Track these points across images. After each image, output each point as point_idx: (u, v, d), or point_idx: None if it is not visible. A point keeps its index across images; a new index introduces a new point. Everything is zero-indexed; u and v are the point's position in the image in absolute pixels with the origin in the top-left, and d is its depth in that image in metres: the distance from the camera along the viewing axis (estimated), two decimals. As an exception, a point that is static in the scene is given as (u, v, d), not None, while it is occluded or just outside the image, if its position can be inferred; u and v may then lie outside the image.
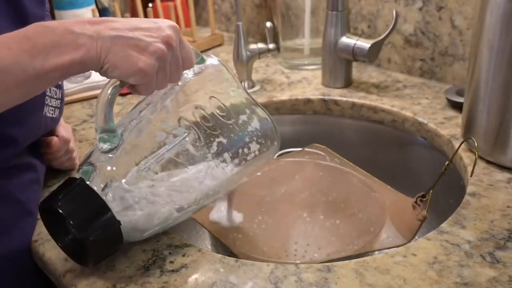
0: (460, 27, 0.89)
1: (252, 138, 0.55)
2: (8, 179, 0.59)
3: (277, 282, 0.49)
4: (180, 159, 0.50)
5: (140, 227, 0.49)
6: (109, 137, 0.48)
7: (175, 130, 0.50)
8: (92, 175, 0.48)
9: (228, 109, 0.54)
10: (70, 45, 0.43)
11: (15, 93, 0.43)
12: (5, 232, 0.57)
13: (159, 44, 0.47)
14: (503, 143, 0.65)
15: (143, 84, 0.48)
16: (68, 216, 0.45)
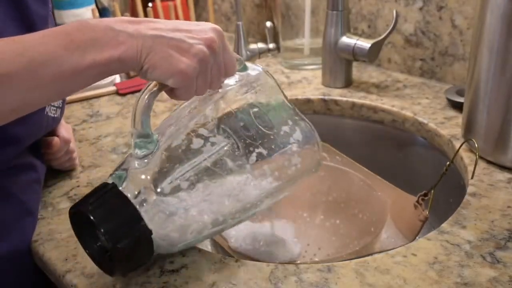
0: (460, 27, 0.89)
1: (294, 150, 0.52)
2: (9, 178, 0.59)
3: (277, 282, 0.49)
4: (217, 169, 0.47)
5: (172, 239, 0.47)
6: (145, 143, 0.46)
7: (213, 138, 0.48)
8: (126, 181, 0.45)
9: (270, 119, 0.51)
10: (110, 42, 0.42)
11: (50, 90, 0.42)
12: (5, 232, 0.57)
13: (201, 47, 0.45)
14: (503, 143, 0.64)
15: (183, 87, 0.46)
16: (98, 222, 0.43)
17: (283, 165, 0.51)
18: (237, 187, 0.48)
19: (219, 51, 0.47)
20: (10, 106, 0.40)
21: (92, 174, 0.70)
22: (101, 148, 0.77)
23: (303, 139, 0.53)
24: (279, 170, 0.51)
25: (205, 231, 0.48)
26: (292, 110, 0.54)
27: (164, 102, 0.93)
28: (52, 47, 0.40)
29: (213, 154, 0.47)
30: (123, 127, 0.84)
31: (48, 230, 0.59)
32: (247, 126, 0.50)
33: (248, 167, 0.49)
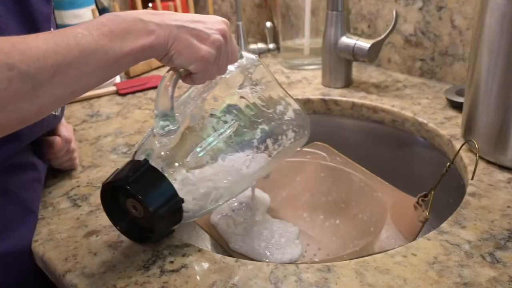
0: (460, 27, 0.89)
1: (289, 126, 0.60)
2: (11, 177, 0.59)
3: (277, 282, 0.49)
4: (231, 143, 0.54)
5: (195, 207, 0.52)
6: (168, 122, 0.51)
7: (224, 117, 0.54)
8: (153, 158, 0.50)
9: (267, 100, 0.58)
10: (141, 31, 0.46)
11: (96, 77, 0.45)
12: (7, 231, 0.57)
13: (217, 36, 0.51)
14: (503, 143, 0.65)
15: (201, 72, 0.51)
16: (138, 193, 0.48)
17: (281, 139, 0.59)
18: (247, 159, 0.55)
19: (229, 40, 0.53)
20: (68, 91, 0.43)
21: (92, 174, 0.70)
22: (101, 148, 0.77)
23: (295, 116, 0.61)
24: (278, 143, 0.58)
25: (221, 199, 0.54)
26: (282, 91, 0.62)
27: (164, 102, 0.93)
28: (96, 36, 0.43)
29: (226, 130, 0.54)
30: (123, 127, 0.84)
31: (48, 230, 0.59)
32: (250, 106, 0.57)
33: (255, 142, 0.56)
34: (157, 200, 0.49)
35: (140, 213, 0.51)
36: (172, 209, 0.50)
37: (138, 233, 0.53)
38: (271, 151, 0.58)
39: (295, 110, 0.61)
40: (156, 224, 0.50)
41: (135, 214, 0.51)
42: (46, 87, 0.40)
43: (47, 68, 0.40)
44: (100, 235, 0.58)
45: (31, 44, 0.40)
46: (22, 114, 0.41)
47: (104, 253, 0.54)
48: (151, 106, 0.91)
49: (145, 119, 0.86)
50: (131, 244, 0.55)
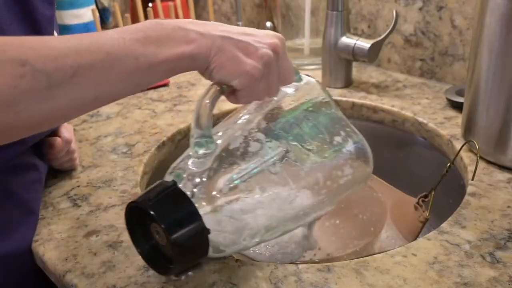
0: (460, 27, 0.89)
1: (346, 160, 0.53)
2: (12, 178, 0.59)
3: (277, 282, 0.49)
4: (273, 173, 0.47)
5: (225, 241, 0.46)
6: (205, 143, 0.46)
7: (269, 143, 0.48)
8: (184, 180, 0.46)
9: (323, 129, 0.52)
10: (182, 39, 0.43)
11: (124, 83, 0.42)
12: (9, 231, 0.57)
13: (267, 50, 0.47)
14: (503, 143, 0.65)
15: (245, 90, 0.47)
16: (159, 218, 0.43)
17: (336, 175, 0.51)
18: (292, 193, 0.48)
19: (281, 57, 0.48)
20: (90, 96, 0.41)
21: (92, 174, 0.70)
22: (101, 148, 0.77)
23: (355, 150, 0.53)
24: (331, 179, 0.51)
25: (257, 236, 0.48)
26: (344, 121, 0.55)
27: (164, 102, 0.93)
28: (128, 41, 0.41)
29: (270, 158, 0.48)
30: (123, 127, 0.84)
31: (48, 230, 0.59)
32: (301, 133, 0.50)
33: (303, 174, 0.49)
34: (179, 227, 0.44)
35: (163, 240, 0.45)
36: (196, 239, 0.44)
37: (161, 261, 0.48)
38: (321, 187, 0.50)
39: (356, 143, 0.54)
40: (177, 255, 0.44)
41: (158, 241, 0.46)
42: (62, 88, 0.38)
43: (65, 68, 0.38)
44: (100, 235, 0.58)
45: (48, 42, 0.39)
46: (35, 116, 0.38)
47: (104, 253, 0.54)
48: (151, 106, 0.91)
49: (145, 119, 0.86)
50: (131, 244, 0.55)
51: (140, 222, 0.47)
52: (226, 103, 0.51)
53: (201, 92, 1.00)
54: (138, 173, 0.70)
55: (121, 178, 0.69)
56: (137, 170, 0.71)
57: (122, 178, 0.69)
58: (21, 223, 0.58)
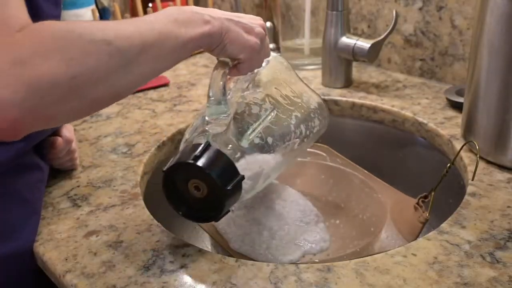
0: (460, 27, 0.89)
1: (315, 114, 0.65)
2: (18, 178, 0.59)
3: (277, 282, 0.49)
4: (273, 127, 0.58)
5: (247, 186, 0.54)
6: (221, 108, 0.54)
7: (264, 105, 0.58)
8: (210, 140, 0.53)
9: (295, 91, 0.64)
10: (199, 20, 0.50)
11: (170, 59, 0.49)
12: (13, 232, 0.57)
13: (260, 29, 0.56)
14: (503, 143, 0.65)
15: (247, 61, 0.55)
16: (207, 169, 0.50)
17: (310, 126, 0.64)
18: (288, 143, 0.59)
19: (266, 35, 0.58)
20: (150, 71, 0.47)
21: (92, 174, 0.70)
22: (101, 148, 0.77)
23: (318, 106, 0.67)
24: (309, 129, 0.64)
25: (268, 179, 0.58)
26: (303, 84, 0.68)
27: (164, 102, 0.93)
28: (167, 23, 0.47)
29: (267, 116, 0.58)
30: (123, 127, 0.84)
31: (48, 230, 0.59)
32: (282, 96, 0.62)
33: (292, 126, 0.60)
34: (223, 176, 0.50)
35: (203, 193, 0.52)
36: (235, 185, 0.51)
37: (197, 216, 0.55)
38: (304, 136, 0.62)
39: (317, 100, 0.67)
40: (222, 199, 0.51)
41: (196, 196, 0.53)
42: (135, 64, 0.44)
43: (135, 46, 0.43)
44: (100, 235, 0.58)
45: (119, 25, 0.44)
46: (117, 89, 0.44)
47: (104, 253, 0.54)
48: (151, 106, 0.91)
49: (145, 119, 0.86)
50: (131, 244, 0.56)
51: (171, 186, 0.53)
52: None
53: (201, 92, 1.00)
54: (138, 173, 0.70)
55: (121, 178, 0.69)
56: (137, 170, 0.71)
57: (122, 178, 0.69)
58: (25, 223, 0.58)
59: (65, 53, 0.39)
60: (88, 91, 0.41)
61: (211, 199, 0.52)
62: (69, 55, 0.39)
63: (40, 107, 0.39)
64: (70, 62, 0.39)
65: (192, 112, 0.88)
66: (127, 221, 0.60)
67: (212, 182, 0.50)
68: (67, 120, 0.46)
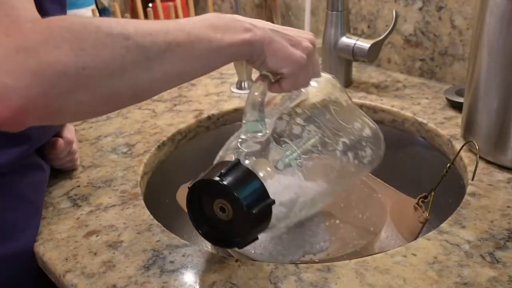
0: (460, 27, 0.89)
1: (367, 143, 0.59)
2: (22, 179, 0.60)
3: (277, 282, 0.49)
4: (316, 151, 0.54)
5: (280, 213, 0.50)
6: (258, 126, 0.51)
7: (307, 127, 0.55)
8: (242, 159, 0.49)
9: (346, 116, 0.59)
10: (239, 28, 0.48)
11: (201, 63, 0.46)
12: (15, 232, 0.57)
13: (308, 43, 0.52)
14: (503, 143, 0.65)
15: (291, 77, 0.52)
16: (233, 189, 0.46)
17: (361, 155, 0.59)
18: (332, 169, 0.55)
19: (314, 52, 0.54)
20: (177, 71, 0.45)
21: (92, 174, 0.70)
22: (101, 148, 0.77)
23: (372, 134, 0.61)
24: (358, 159, 0.58)
25: (304, 209, 0.53)
26: (358, 111, 0.63)
27: (164, 102, 0.93)
28: (200, 27, 0.46)
29: (310, 139, 0.54)
30: (123, 127, 0.84)
31: (48, 230, 0.59)
32: (330, 119, 0.57)
33: (338, 153, 0.56)
34: (250, 197, 0.46)
35: (229, 215, 0.48)
36: (263, 209, 0.47)
37: (220, 239, 0.51)
38: (351, 165, 0.57)
39: (371, 127, 0.61)
40: (248, 224, 0.47)
41: (221, 218, 0.49)
42: (158, 61, 0.42)
43: (159, 43, 0.42)
44: (100, 235, 0.58)
45: (143, 23, 0.43)
46: (135, 86, 0.42)
47: (104, 253, 0.54)
48: (151, 106, 0.91)
49: (145, 119, 0.86)
50: (131, 244, 0.56)
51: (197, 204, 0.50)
52: (228, 104, 0.52)
53: (201, 92, 1.00)
54: (138, 173, 0.70)
55: (121, 178, 0.69)
56: (137, 170, 0.71)
57: (122, 178, 0.69)
58: (27, 223, 0.59)
59: (75, 43, 0.38)
60: (100, 85, 0.40)
61: (236, 222, 0.48)
62: (80, 45, 0.38)
63: (46, 97, 0.37)
64: (80, 52, 0.38)
65: (192, 112, 0.88)
66: (127, 221, 0.60)
67: (237, 203, 0.46)
68: (77, 115, 0.43)
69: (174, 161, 0.81)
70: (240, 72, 0.95)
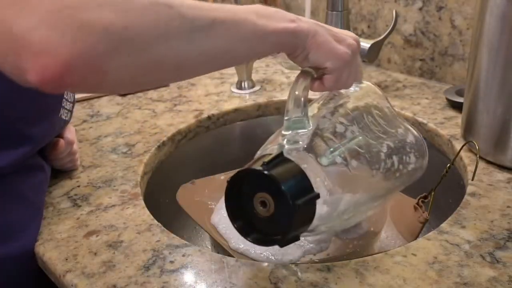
0: (460, 27, 0.89)
1: (411, 149, 0.57)
2: (24, 179, 0.60)
3: (277, 282, 0.49)
4: (361, 151, 0.52)
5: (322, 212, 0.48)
6: (300, 123, 0.50)
7: (350, 128, 0.53)
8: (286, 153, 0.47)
9: (389, 121, 0.58)
10: (284, 18, 0.48)
11: (245, 45, 0.46)
12: (17, 232, 0.57)
13: (353, 41, 0.53)
14: (503, 143, 0.65)
15: (334, 74, 0.51)
16: (277, 178, 0.44)
17: (405, 161, 0.56)
18: (377, 172, 0.53)
19: (358, 54, 0.54)
20: (221, 49, 0.44)
21: (92, 174, 0.70)
22: (101, 148, 0.77)
23: (416, 142, 0.59)
24: (402, 164, 0.56)
25: (346, 213, 0.51)
26: (401, 118, 0.61)
27: (164, 102, 0.93)
28: (245, 12, 0.46)
29: (354, 138, 0.52)
30: (123, 127, 0.84)
31: (48, 230, 0.59)
32: (373, 122, 0.56)
33: (383, 155, 0.53)
34: (295, 189, 0.44)
35: (270, 210, 0.45)
36: (308, 202, 0.45)
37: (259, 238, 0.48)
38: (396, 170, 0.55)
39: (415, 135, 0.60)
40: (291, 218, 0.44)
41: (261, 214, 0.46)
42: (201, 35, 0.42)
43: (203, 17, 0.42)
44: (100, 235, 0.58)
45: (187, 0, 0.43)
46: (179, 57, 0.42)
47: (104, 253, 0.54)
48: (151, 106, 0.91)
49: (145, 119, 0.86)
50: (131, 244, 0.56)
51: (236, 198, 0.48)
52: (228, 104, 0.51)
53: (201, 92, 1.00)
54: (138, 173, 0.70)
55: (121, 178, 0.69)
56: (137, 170, 0.71)
57: (122, 178, 0.69)
58: (28, 224, 0.59)
59: (119, 5, 0.37)
60: (143, 48, 0.39)
61: (278, 218, 0.45)
62: (124, 7, 0.38)
63: (91, 54, 0.36)
64: (123, 13, 0.37)
65: (192, 112, 0.88)
66: (127, 221, 0.60)
67: (281, 194, 0.44)
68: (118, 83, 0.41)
69: (174, 161, 0.81)
70: (240, 72, 0.95)
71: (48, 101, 0.60)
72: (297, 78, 0.50)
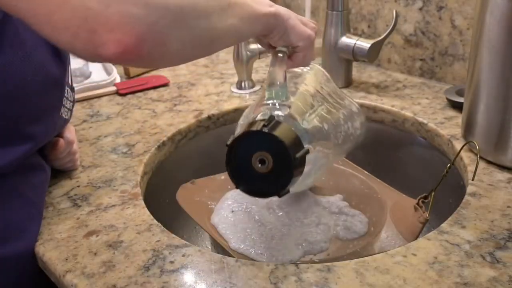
0: (460, 27, 0.89)
1: (357, 118, 0.67)
2: (24, 179, 0.60)
3: (277, 282, 0.49)
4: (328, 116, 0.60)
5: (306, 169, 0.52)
6: (280, 92, 0.55)
7: (316, 98, 0.61)
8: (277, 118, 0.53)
9: (338, 94, 0.67)
10: (265, 3, 0.54)
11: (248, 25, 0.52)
12: (17, 232, 0.57)
13: (313, 25, 0.61)
14: (503, 143, 0.65)
15: (303, 52, 0.59)
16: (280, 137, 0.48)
17: (354, 126, 0.66)
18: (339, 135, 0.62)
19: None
20: (234, 26, 0.50)
21: (92, 174, 0.70)
22: (101, 148, 0.77)
23: (357, 111, 0.69)
24: (353, 128, 0.66)
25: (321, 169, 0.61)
26: (341, 91, 0.69)
27: (164, 102, 0.93)
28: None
29: (320, 105, 0.61)
30: (123, 127, 0.84)
31: (48, 230, 0.59)
32: (330, 94, 0.65)
33: (341, 120, 0.63)
34: (294, 145, 0.49)
35: (268, 166, 0.49)
36: (302, 157, 0.50)
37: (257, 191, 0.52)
38: (349, 134, 0.64)
39: (356, 106, 0.69)
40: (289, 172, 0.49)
41: (259, 171, 0.50)
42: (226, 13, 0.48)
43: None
44: (100, 235, 0.58)
45: None
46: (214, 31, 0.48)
47: (104, 253, 0.54)
48: (151, 106, 0.91)
49: (145, 119, 0.86)
50: (131, 244, 0.56)
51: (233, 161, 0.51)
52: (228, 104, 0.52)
53: (201, 92, 1.00)
54: (138, 173, 0.70)
55: (121, 178, 0.69)
56: (137, 170, 0.71)
57: (122, 178, 0.69)
58: (28, 224, 0.58)
59: None
60: (193, 24, 0.44)
61: (275, 172, 0.50)
62: None
63: (157, 27, 0.41)
64: None
65: (192, 112, 0.88)
66: (127, 221, 0.60)
67: (282, 150, 0.48)
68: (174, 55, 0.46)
69: (174, 161, 0.81)
70: (240, 72, 0.95)
71: (49, 99, 0.61)
72: (273, 55, 0.58)
